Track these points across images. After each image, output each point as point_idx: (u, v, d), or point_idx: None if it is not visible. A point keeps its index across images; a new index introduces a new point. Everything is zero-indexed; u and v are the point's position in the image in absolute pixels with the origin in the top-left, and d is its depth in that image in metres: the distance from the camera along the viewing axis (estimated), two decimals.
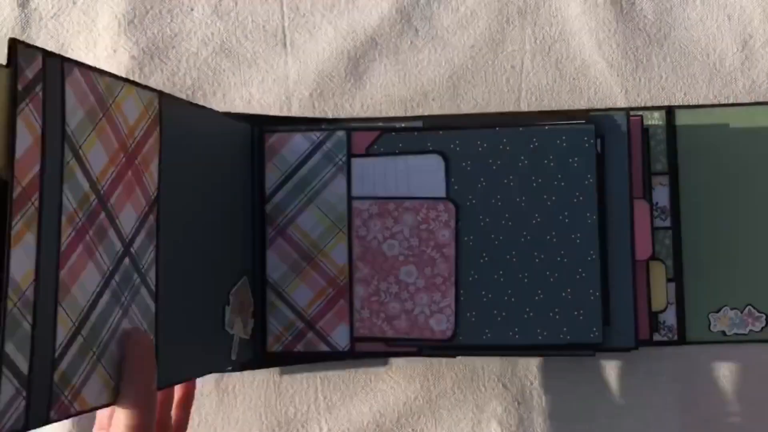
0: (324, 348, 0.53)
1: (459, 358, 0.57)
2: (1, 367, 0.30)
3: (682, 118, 0.57)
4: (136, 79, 0.58)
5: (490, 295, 0.51)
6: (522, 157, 0.51)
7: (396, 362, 0.57)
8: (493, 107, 0.59)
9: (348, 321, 0.53)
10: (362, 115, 0.59)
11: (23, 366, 0.31)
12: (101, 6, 0.58)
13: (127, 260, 0.38)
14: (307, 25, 0.59)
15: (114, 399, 0.37)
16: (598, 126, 0.51)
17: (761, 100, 0.58)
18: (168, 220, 0.41)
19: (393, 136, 0.53)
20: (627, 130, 0.51)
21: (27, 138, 0.31)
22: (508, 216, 0.51)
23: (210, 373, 0.51)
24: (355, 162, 0.53)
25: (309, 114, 0.58)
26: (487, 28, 0.60)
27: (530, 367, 0.57)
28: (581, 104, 0.59)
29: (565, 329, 0.50)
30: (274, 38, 0.59)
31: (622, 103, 0.58)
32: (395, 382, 0.57)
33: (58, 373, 0.33)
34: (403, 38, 0.59)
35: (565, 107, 0.59)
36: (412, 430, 0.57)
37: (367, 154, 0.53)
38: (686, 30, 0.60)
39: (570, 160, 0.51)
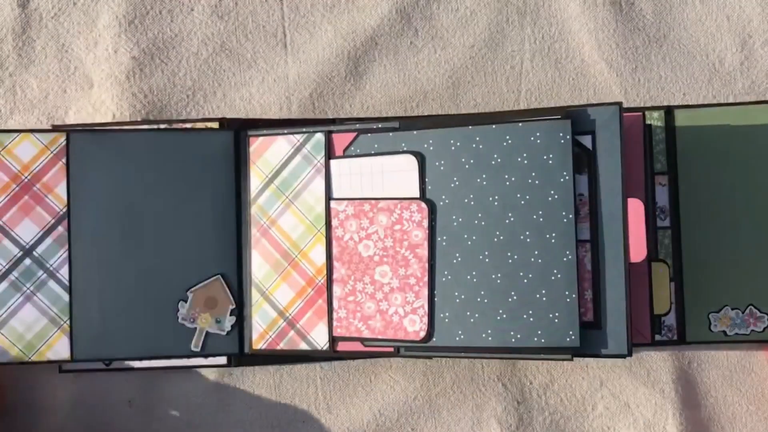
0: (305, 347, 0.53)
1: (459, 357, 0.57)
2: None
3: (681, 118, 0.57)
4: (137, 80, 0.58)
5: (463, 296, 0.50)
6: (495, 155, 0.50)
7: (396, 362, 0.57)
8: (493, 107, 0.59)
9: (326, 320, 0.53)
10: (363, 115, 0.59)
11: None
12: (101, 6, 0.59)
13: (28, 260, 0.53)
14: (307, 26, 0.59)
15: (19, 361, 0.53)
16: (584, 122, 0.49)
17: (759, 99, 0.58)
18: (81, 230, 0.53)
19: (369, 137, 0.52)
20: (620, 125, 0.49)
21: None
22: (480, 215, 0.50)
23: (159, 357, 0.54)
24: (333, 163, 0.53)
25: (309, 114, 0.59)
26: (487, 28, 0.60)
27: (530, 367, 0.57)
28: (580, 104, 0.59)
29: (539, 332, 0.48)
30: (274, 38, 0.59)
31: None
32: (395, 382, 0.57)
33: None
34: (403, 38, 0.60)
35: (565, 107, 0.59)
36: (412, 429, 0.57)
37: (344, 156, 0.53)
38: (685, 30, 0.60)
39: (545, 157, 0.49)
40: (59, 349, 0.53)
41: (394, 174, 0.51)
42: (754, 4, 0.60)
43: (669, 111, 0.57)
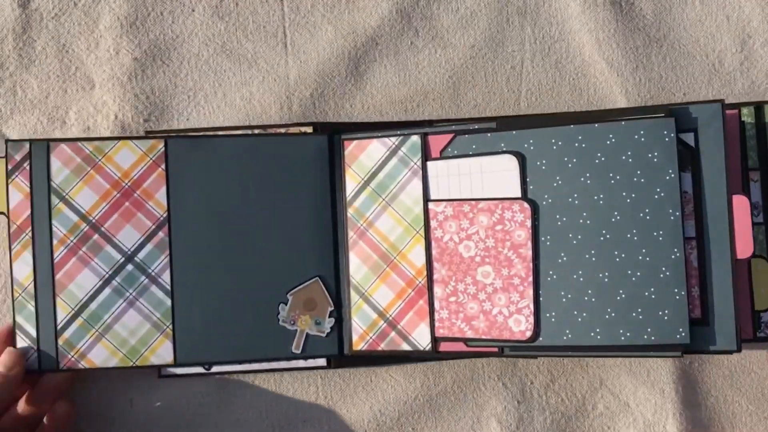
0: (406, 347, 0.53)
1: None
2: (15, 330, 0.53)
3: None
4: (139, 81, 0.58)
5: (569, 296, 0.50)
6: (599, 154, 0.50)
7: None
8: (493, 107, 0.59)
9: (428, 321, 0.53)
10: (363, 115, 0.59)
11: (32, 331, 0.53)
12: (102, 7, 0.59)
13: (130, 266, 0.53)
14: (307, 26, 0.59)
15: (124, 366, 0.53)
16: (686, 119, 0.49)
17: (760, 100, 0.58)
18: (181, 235, 0.54)
19: (467, 138, 0.52)
20: (723, 122, 0.49)
21: (17, 195, 0.53)
22: (585, 215, 0.50)
23: (261, 360, 0.54)
24: (430, 165, 0.53)
25: (310, 114, 0.59)
26: (487, 28, 0.60)
27: (530, 366, 0.58)
28: (581, 104, 0.59)
29: (649, 330, 0.49)
30: (274, 38, 0.59)
31: (622, 103, 0.59)
32: (395, 381, 0.57)
33: (62, 339, 0.53)
34: (404, 38, 0.60)
35: (565, 108, 0.59)
36: (412, 429, 0.57)
37: (441, 157, 0.53)
38: (685, 30, 0.60)
39: (650, 155, 0.49)
40: (163, 353, 0.53)
41: (494, 174, 0.51)
42: (754, 4, 0.60)
43: (759, 107, 0.56)
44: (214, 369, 0.55)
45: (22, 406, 0.52)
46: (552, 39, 0.60)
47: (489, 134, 0.52)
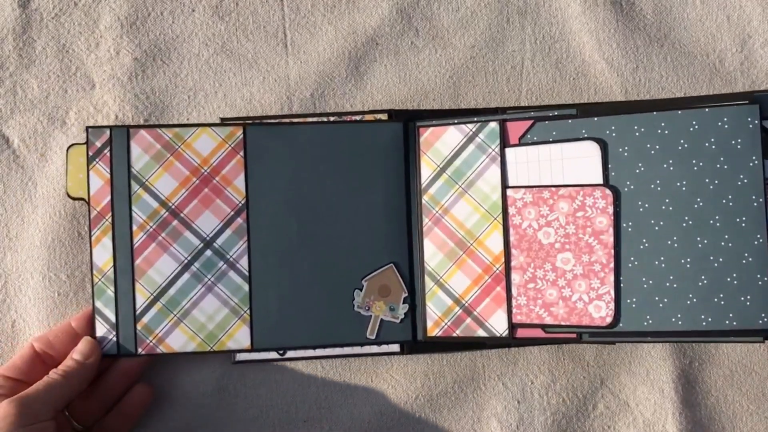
0: (482, 333, 0.54)
1: (459, 356, 0.57)
2: (94, 315, 0.53)
3: None
4: (139, 81, 0.58)
5: (651, 281, 0.50)
6: (681, 141, 0.50)
7: (396, 361, 0.58)
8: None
9: (505, 307, 0.53)
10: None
11: (111, 317, 0.53)
12: (102, 7, 0.59)
13: (209, 252, 0.54)
14: (307, 26, 0.59)
15: (201, 350, 0.54)
16: (764, 106, 0.49)
17: None
18: (259, 221, 0.54)
19: (546, 124, 0.52)
20: None
21: (98, 181, 0.54)
22: (668, 201, 0.50)
23: (336, 346, 0.55)
24: (509, 152, 0.53)
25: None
26: (488, 28, 0.60)
27: (530, 366, 0.58)
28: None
29: (731, 315, 0.49)
30: (274, 39, 0.59)
31: None
32: (396, 381, 0.57)
33: (141, 324, 0.53)
34: (404, 38, 0.60)
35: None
36: (413, 428, 0.57)
37: (520, 144, 0.53)
38: (686, 30, 0.60)
39: (733, 142, 0.49)
40: (240, 338, 0.54)
41: (575, 161, 0.51)
42: (754, 4, 0.60)
43: None
44: (288, 355, 0.56)
45: (98, 388, 0.53)
46: (552, 39, 0.60)
47: (570, 121, 0.52)
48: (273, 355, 0.56)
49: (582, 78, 0.59)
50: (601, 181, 0.51)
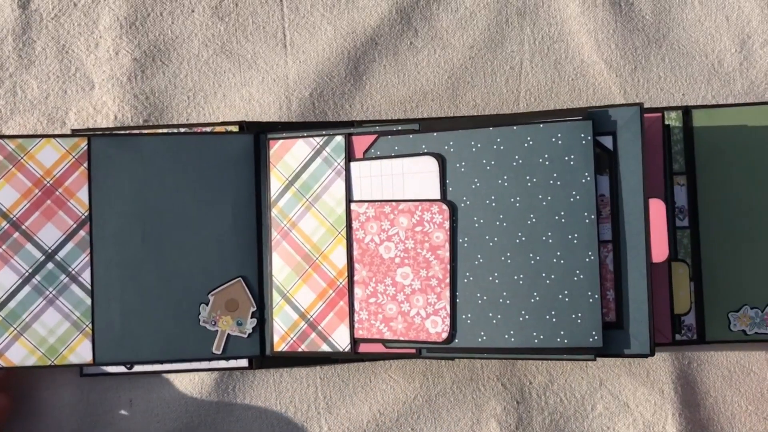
0: (326, 348, 0.53)
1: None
2: None
3: (699, 118, 0.57)
4: (138, 81, 0.58)
5: (485, 297, 0.50)
6: (516, 156, 0.50)
7: (395, 362, 0.58)
8: (492, 108, 0.59)
9: (348, 322, 0.53)
10: (362, 115, 0.59)
11: None
12: (102, 8, 0.59)
13: (50, 264, 0.53)
14: (307, 26, 0.59)
15: (42, 365, 0.53)
16: (604, 122, 0.49)
17: (758, 101, 0.58)
18: (103, 234, 0.54)
19: (389, 139, 0.52)
20: (641, 126, 0.49)
21: None
22: (502, 217, 0.50)
23: (181, 361, 0.54)
24: (353, 165, 0.53)
25: (309, 114, 0.59)
26: (486, 28, 0.60)
27: (529, 366, 0.58)
28: (580, 104, 0.59)
29: (562, 332, 0.48)
30: (274, 39, 0.59)
31: (620, 103, 0.59)
32: (395, 382, 0.58)
33: None
34: (403, 39, 0.60)
35: (564, 108, 0.59)
36: (412, 429, 0.57)
37: (364, 158, 0.53)
38: (684, 30, 0.60)
39: (566, 158, 0.49)
40: (82, 352, 0.53)
41: (415, 176, 0.51)
42: (753, 4, 0.60)
43: (687, 111, 0.57)
44: (136, 368, 0.56)
45: None
46: (551, 39, 0.60)
47: (411, 136, 0.52)
48: (121, 368, 0.55)
49: (581, 78, 0.59)
50: (438, 196, 0.50)
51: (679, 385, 0.57)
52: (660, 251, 0.48)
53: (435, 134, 0.51)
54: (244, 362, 0.56)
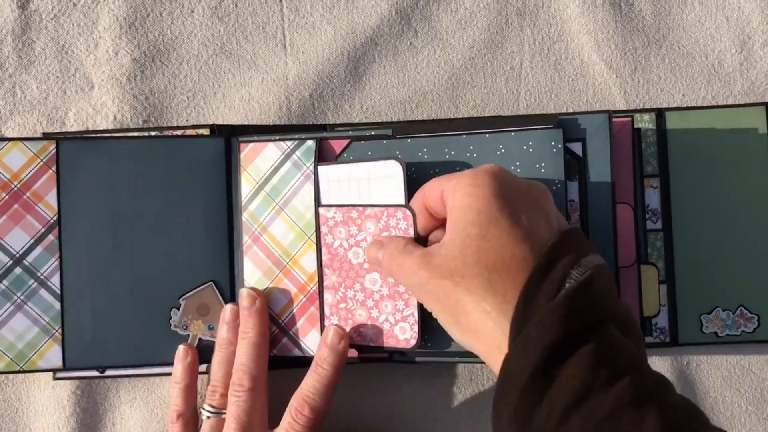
0: (298, 353, 0.53)
1: (454, 362, 0.57)
2: None
3: (672, 121, 0.57)
4: (138, 82, 0.58)
5: None
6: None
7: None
8: (492, 108, 0.59)
9: (319, 327, 0.53)
10: (362, 115, 0.59)
11: None
12: (101, 8, 0.59)
13: (18, 269, 0.53)
14: (306, 26, 0.59)
15: (10, 370, 0.53)
16: (575, 129, 0.50)
17: (758, 101, 0.58)
18: (72, 238, 0.53)
19: (362, 144, 0.52)
20: (609, 133, 0.50)
21: None
22: None
23: (152, 365, 0.54)
24: (321, 170, 0.52)
25: (309, 114, 0.59)
26: (486, 29, 0.60)
27: None
28: (580, 105, 0.59)
29: None
30: (273, 39, 0.59)
31: (620, 104, 0.59)
32: (394, 382, 0.58)
33: None
34: (403, 39, 0.60)
35: (564, 108, 0.59)
36: (411, 429, 0.57)
37: (332, 162, 0.52)
38: (685, 31, 0.60)
39: (537, 166, 0.49)
40: (51, 357, 0.53)
41: (381, 181, 0.51)
42: (754, 5, 0.60)
43: (660, 114, 0.57)
44: (108, 372, 0.55)
45: None
46: (551, 40, 0.60)
47: (384, 141, 0.52)
48: (93, 372, 0.55)
49: (581, 79, 0.59)
50: (403, 202, 0.50)
51: (678, 385, 0.57)
52: (626, 256, 0.50)
53: (409, 140, 0.51)
54: None
